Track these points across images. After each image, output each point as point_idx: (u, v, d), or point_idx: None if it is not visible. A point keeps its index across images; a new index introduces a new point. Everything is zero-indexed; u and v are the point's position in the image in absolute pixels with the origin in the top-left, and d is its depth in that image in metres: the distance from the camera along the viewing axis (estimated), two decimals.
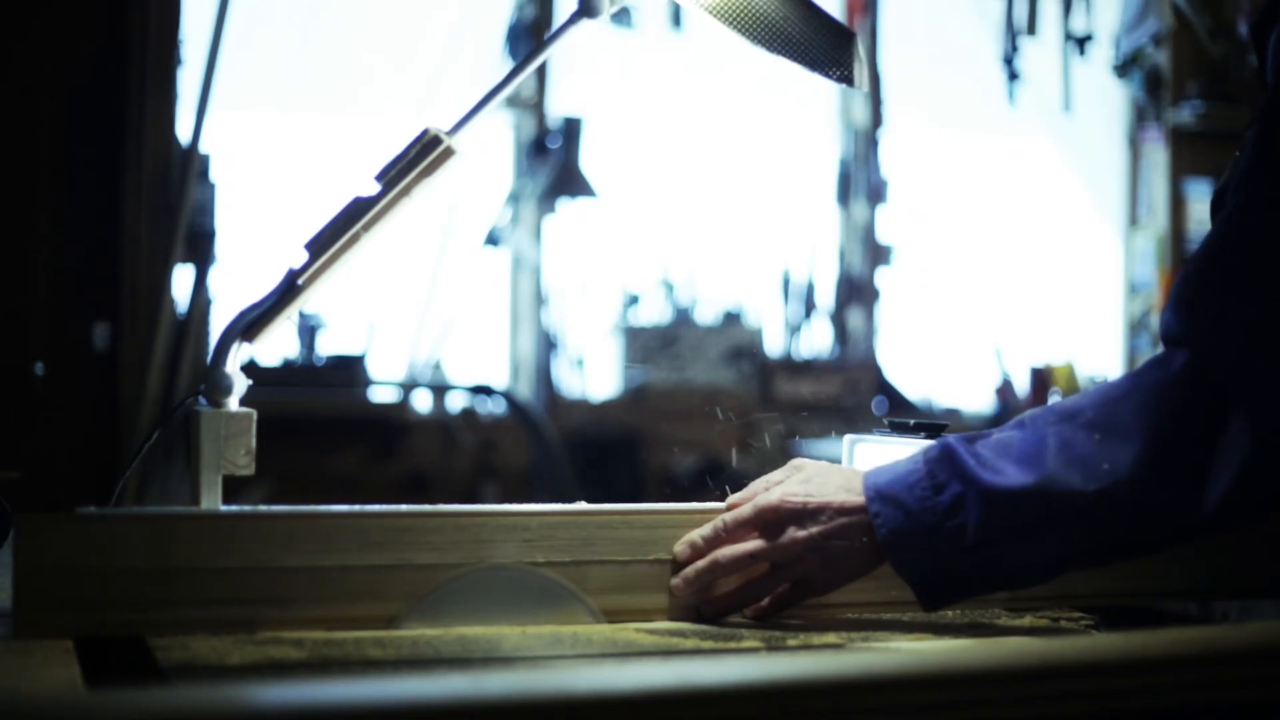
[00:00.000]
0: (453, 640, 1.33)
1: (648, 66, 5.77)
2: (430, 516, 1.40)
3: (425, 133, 1.44)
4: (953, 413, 5.82)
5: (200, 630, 1.31)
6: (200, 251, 4.49)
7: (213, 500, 1.41)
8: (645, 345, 5.70)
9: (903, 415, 1.73)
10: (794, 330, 5.94)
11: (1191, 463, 1.35)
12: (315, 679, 1.17)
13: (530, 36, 5.42)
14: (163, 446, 4.14)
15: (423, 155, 1.43)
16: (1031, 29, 5.59)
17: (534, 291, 5.65)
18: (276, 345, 5.13)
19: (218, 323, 4.78)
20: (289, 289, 1.44)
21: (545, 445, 4.88)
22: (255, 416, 1.42)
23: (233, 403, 1.43)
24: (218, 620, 1.32)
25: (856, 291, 6.08)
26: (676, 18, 5.49)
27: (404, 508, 1.41)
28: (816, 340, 6.00)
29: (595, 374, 5.72)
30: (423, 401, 5.41)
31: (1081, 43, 5.64)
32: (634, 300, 5.75)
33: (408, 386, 5.36)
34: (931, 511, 1.39)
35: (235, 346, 1.43)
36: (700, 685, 0.87)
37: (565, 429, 5.24)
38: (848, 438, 1.66)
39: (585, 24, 1.53)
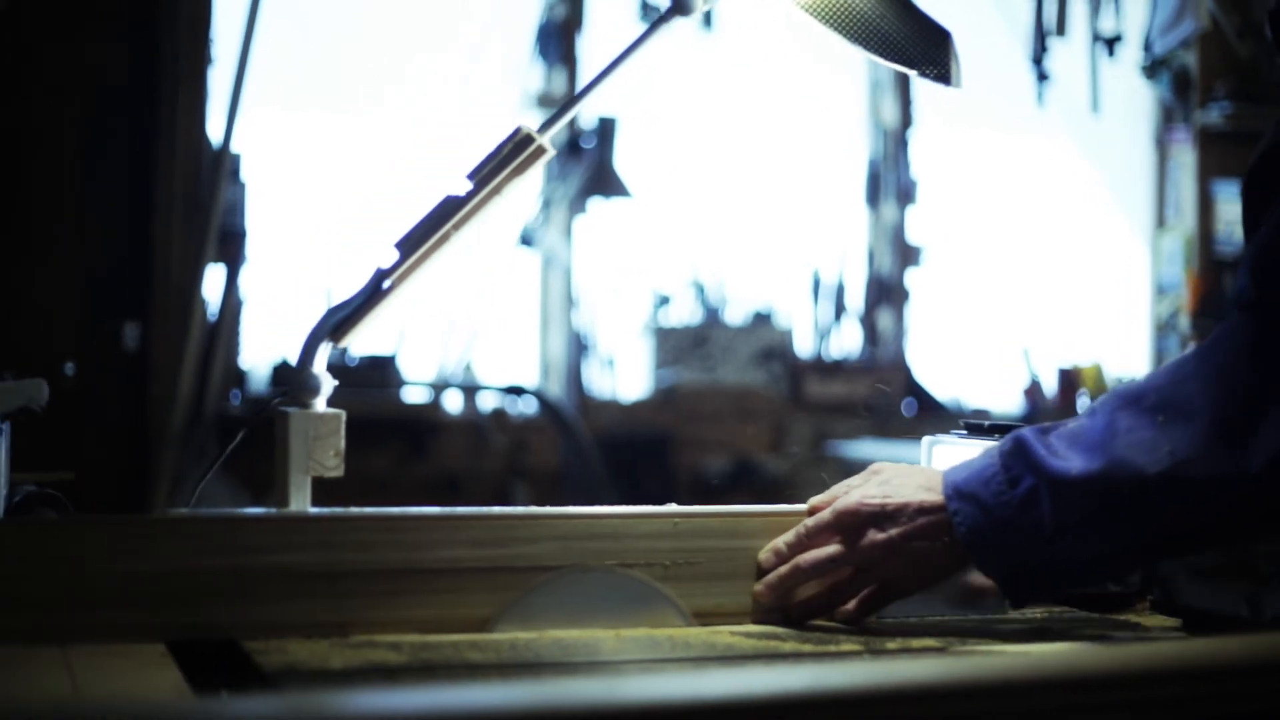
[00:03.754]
0: (549, 643, 1.31)
1: (679, 67, 5.76)
2: (520, 519, 1.39)
3: (518, 131, 1.43)
4: (981, 414, 5.80)
5: (290, 633, 1.30)
6: (231, 251, 4.49)
7: (301, 502, 1.40)
8: (676, 346, 5.69)
9: (934, 417, 1.72)
10: (824, 331, 5.94)
11: (1244, 431, 1.31)
12: (421, 682, 1.16)
13: (560, 36, 5.41)
14: (195, 450, 4.13)
15: (515, 154, 1.42)
16: (1060, 30, 5.57)
17: (565, 292, 5.64)
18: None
19: (249, 323, 4.78)
20: (376, 289, 1.43)
21: (576, 445, 4.87)
22: (344, 417, 1.41)
23: (320, 403, 1.41)
24: (308, 623, 1.31)
25: (886, 292, 6.06)
26: (708, 18, 5.47)
27: (494, 510, 1.39)
28: (846, 341, 5.99)
29: (626, 374, 5.72)
30: (454, 402, 5.40)
31: (1110, 44, 5.61)
32: (664, 301, 5.75)
33: (439, 387, 5.35)
34: (1007, 506, 1.37)
35: (323, 346, 1.42)
36: (832, 689, 0.87)
37: (596, 429, 5.23)
38: (926, 439, 1.65)
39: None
